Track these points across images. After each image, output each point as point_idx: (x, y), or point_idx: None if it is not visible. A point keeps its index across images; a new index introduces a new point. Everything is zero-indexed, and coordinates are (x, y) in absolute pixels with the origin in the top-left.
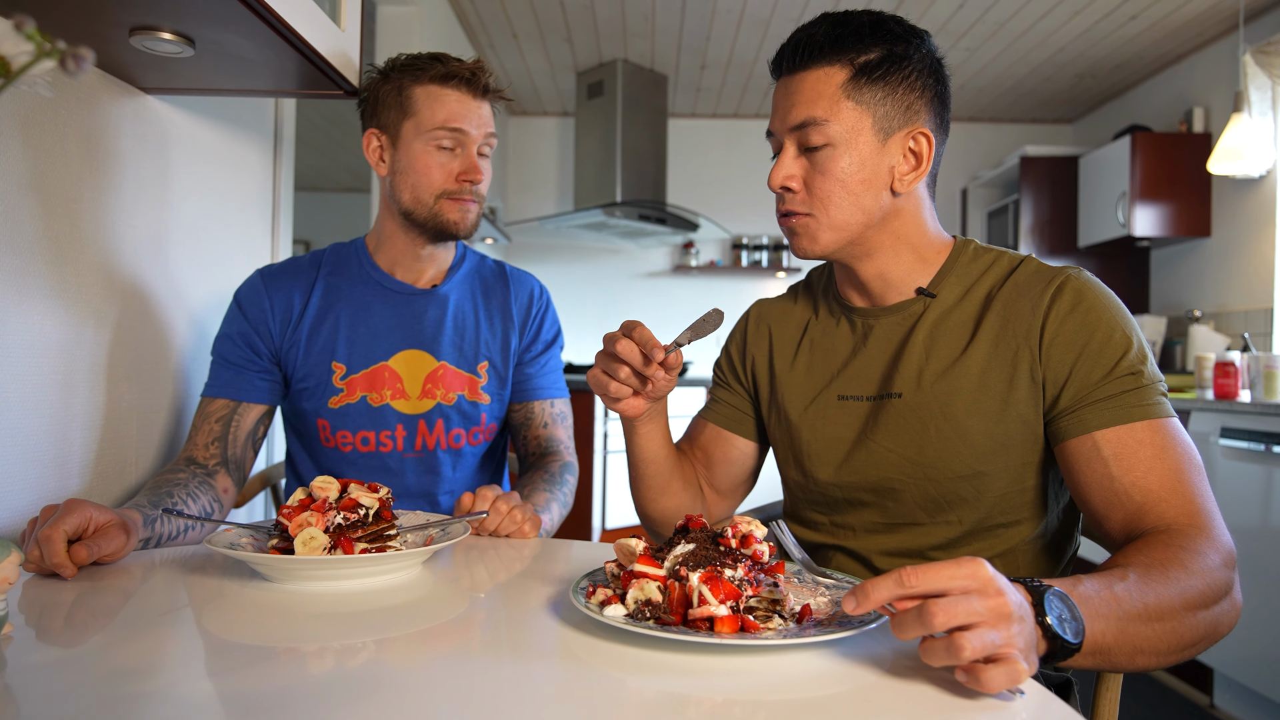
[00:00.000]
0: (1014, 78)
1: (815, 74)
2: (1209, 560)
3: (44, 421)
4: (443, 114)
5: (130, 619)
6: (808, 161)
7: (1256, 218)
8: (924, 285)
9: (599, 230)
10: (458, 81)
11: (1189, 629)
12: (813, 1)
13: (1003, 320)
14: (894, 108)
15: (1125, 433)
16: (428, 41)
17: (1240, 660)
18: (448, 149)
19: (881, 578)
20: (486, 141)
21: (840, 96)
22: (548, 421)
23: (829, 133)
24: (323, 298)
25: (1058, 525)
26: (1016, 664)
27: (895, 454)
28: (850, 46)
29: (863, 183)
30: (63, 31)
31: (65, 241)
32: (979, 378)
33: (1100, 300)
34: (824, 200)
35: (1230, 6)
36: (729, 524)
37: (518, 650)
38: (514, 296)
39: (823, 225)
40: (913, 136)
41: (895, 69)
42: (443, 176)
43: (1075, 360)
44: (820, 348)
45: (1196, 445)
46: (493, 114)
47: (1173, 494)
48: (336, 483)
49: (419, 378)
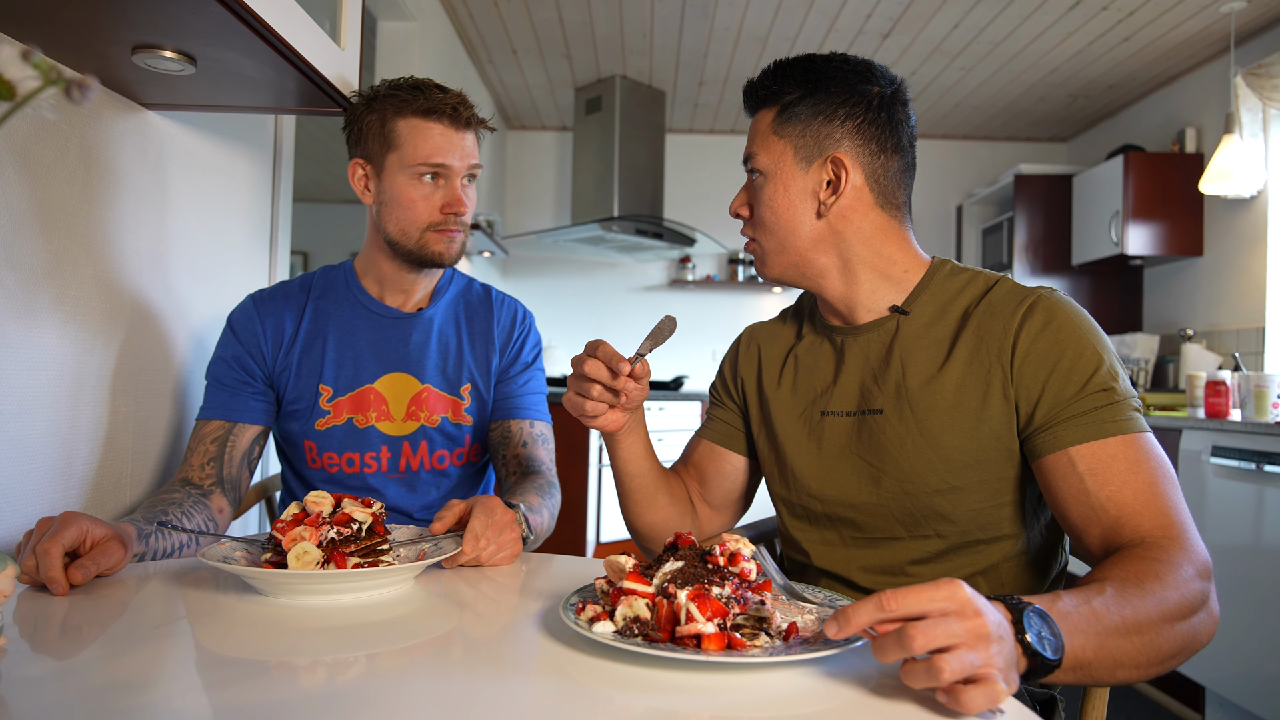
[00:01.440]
0: (1008, 97)
1: (757, 116)
2: (1184, 572)
3: (44, 436)
4: (425, 149)
5: (124, 632)
6: (752, 191)
7: (1248, 237)
8: (898, 303)
9: (596, 244)
10: (440, 115)
11: (1167, 640)
12: (809, 19)
13: (977, 339)
14: (810, 139)
15: (1099, 448)
16: (428, 57)
17: (1232, 678)
18: (430, 180)
19: (861, 602)
20: (470, 171)
21: (769, 132)
22: (527, 441)
23: (759, 163)
24: (312, 321)
25: (1041, 541)
26: (995, 684)
27: (875, 469)
28: (778, 90)
29: (787, 207)
30: (66, 48)
31: (67, 256)
32: (954, 395)
33: (1071, 320)
34: (761, 224)
35: (1222, 29)
36: (717, 542)
37: (508, 666)
38: (496, 320)
39: (766, 249)
40: (829, 162)
41: (813, 104)
42: (427, 209)
43: (1047, 378)
44: (804, 366)
45: (1187, 464)
46: (478, 140)
47: (1147, 507)
48: (330, 497)
49: (403, 400)
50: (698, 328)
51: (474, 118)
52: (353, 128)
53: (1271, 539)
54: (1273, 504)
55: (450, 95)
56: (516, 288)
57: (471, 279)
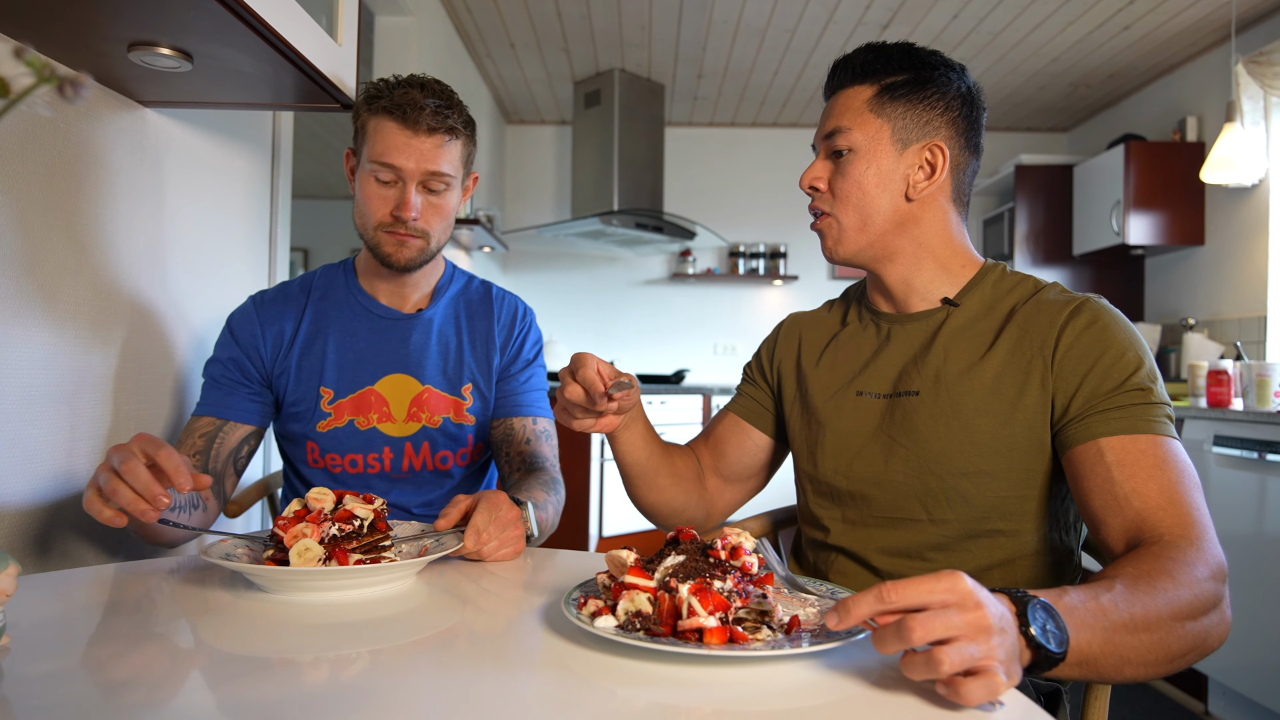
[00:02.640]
0: (1009, 87)
1: (848, 92)
2: (1197, 572)
3: (44, 435)
4: (380, 147)
5: (127, 630)
6: (833, 166)
7: (1249, 226)
8: (950, 295)
9: (596, 238)
10: (397, 114)
11: (1176, 640)
12: (808, 10)
13: (1021, 332)
14: (913, 122)
15: (1130, 442)
16: (426, 52)
17: (1235, 667)
18: (385, 182)
19: (862, 594)
20: (432, 179)
21: (864, 109)
22: (530, 438)
23: (851, 139)
24: (312, 324)
25: (1060, 544)
26: (995, 677)
27: (903, 448)
28: (880, 70)
29: (878, 185)
30: (62, 46)
31: (64, 255)
32: (993, 381)
33: (1116, 323)
34: (843, 200)
35: (1222, 17)
36: (718, 535)
37: (510, 661)
38: (497, 318)
39: (845, 226)
40: (929, 149)
41: (917, 89)
42: (380, 208)
43: (1087, 372)
44: (845, 349)
45: (1190, 453)
46: (459, 146)
47: (1169, 504)
48: (332, 494)
49: (404, 401)
50: (698, 321)
51: (433, 123)
52: (353, 118)
53: (1274, 528)
54: (1275, 493)
55: (415, 94)
56: (517, 282)
57: (471, 276)
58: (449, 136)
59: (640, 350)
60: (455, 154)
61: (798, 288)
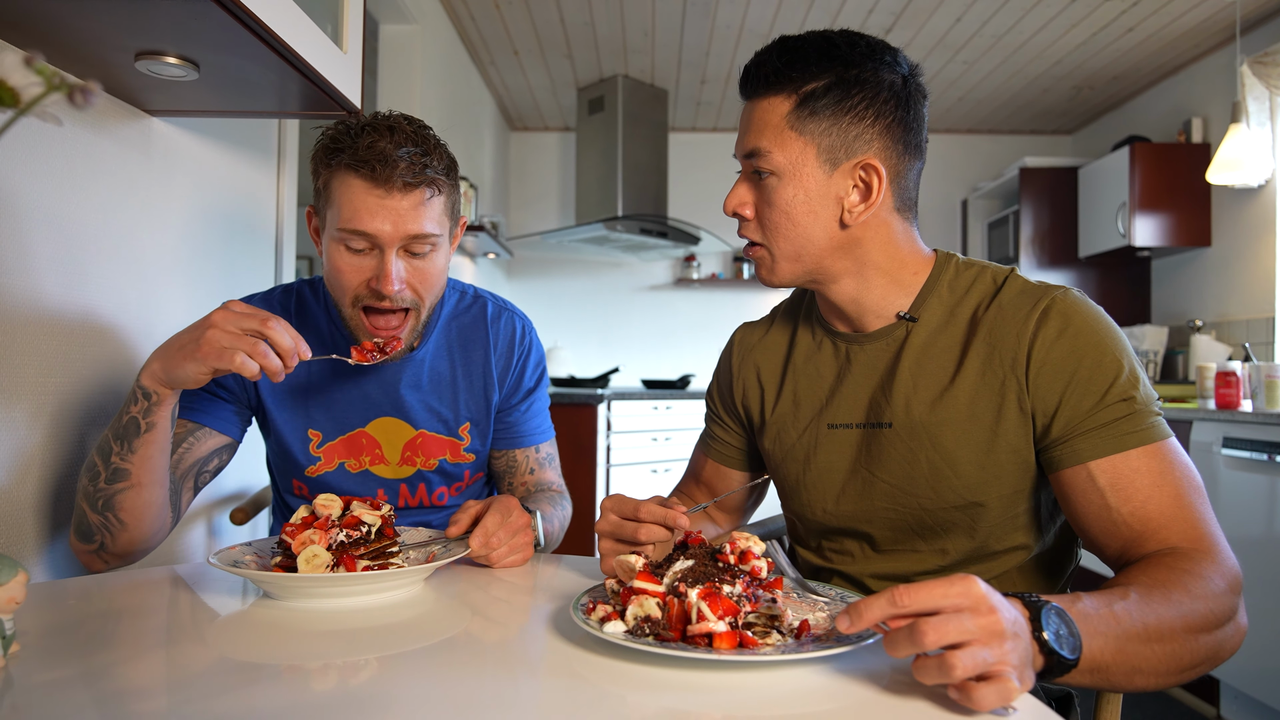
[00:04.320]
0: (1012, 90)
1: (764, 103)
2: (1214, 585)
3: (58, 444)
4: (347, 211)
5: (136, 637)
6: (757, 190)
7: (1256, 227)
8: (904, 310)
9: (601, 244)
10: (366, 171)
11: (1189, 652)
12: (811, 14)
13: (989, 347)
14: (839, 139)
15: (1120, 461)
16: (430, 60)
17: (1247, 671)
18: (357, 250)
19: (874, 597)
20: (414, 243)
21: (784, 127)
22: (534, 467)
23: (773, 162)
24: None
25: (1054, 543)
26: (1008, 682)
27: (889, 485)
28: (797, 75)
29: (808, 214)
30: (70, 56)
31: (76, 262)
32: (967, 408)
33: (1088, 323)
34: (772, 231)
35: (1227, 18)
36: (727, 540)
37: (519, 667)
38: (493, 346)
39: (776, 257)
40: (861, 167)
41: (841, 98)
42: (355, 281)
43: (1065, 389)
44: (805, 374)
45: (1199, 455)
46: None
47: (1175, 520)
48: (339, 500)
49: (398, 445)
50: (704, 326)
51: (409, 179)
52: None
53: None
54: None
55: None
56: (521, 288)
57: (465, 291)
58: (430, 191)
59: (645, 355)
60: (438, 209)
61: None
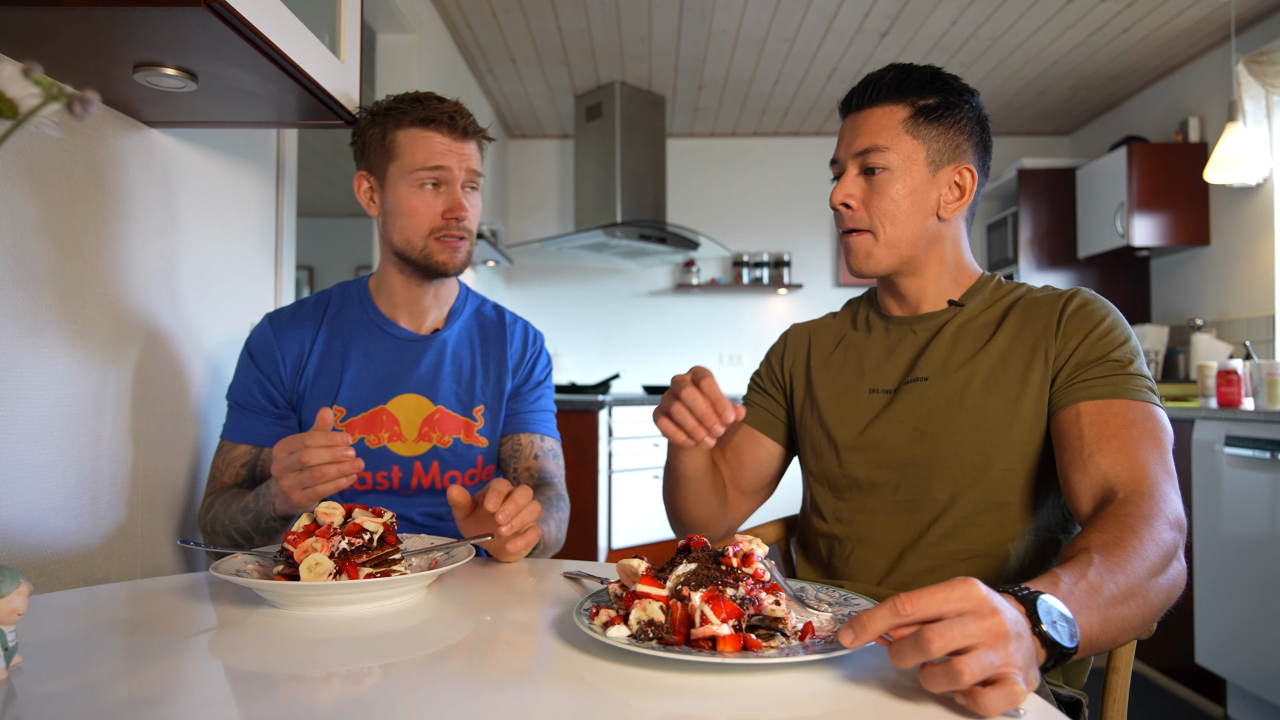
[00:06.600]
0: (1009, 91)
1: (881, 110)
2: (1156, 525)
3: (55, 454)
4: (424, 154)
5: (139, 648)
6: (866, 184)
7: (1255, 225)
8: (954, 298)
9: (600, 251)
10: (438, 124)
11: (1155, 596)
12: (807, 19)
13: (1022, 321)
14: (945, 145)
15: (1105, 406)
16: (427, 69)
17: (1253, 671)
18: (431, 188)
19: (876, 608)
20: (470, 179)
21: (901, 130)
22: (538, 454)
23: (888, 159)
24: (326, 342)
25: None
26: (1015, 685)
27: (911, 428)
28: (912, 91)
29: (913, 205)
30: (68, 68)
31: (74, 274)
32: (999, 360)
33: (1107, 306)
34: (880, 217)
35: (1222, 17)
36: (730, 543)
37: (522, 672)
38: (509, 342)
39: (879, 242)
40: (959, 171)
41: (949, 113)
42: (429, 216)
43: (1080, 342)
44: (854, 349)
45: (1201, 455)
46: (479, 150)
47: (1127, 459)
48: (341, 508)
49: (416, 421)
50: (703, 331)
51: (471, 126)
52: (357, 141)
53: None
54: None
55: (447, 104)
56: (521, 296)
57: (484, 298)
58: (478, 139)
59: (646, 361)
60: (480, 153)
61: (802, 296)
